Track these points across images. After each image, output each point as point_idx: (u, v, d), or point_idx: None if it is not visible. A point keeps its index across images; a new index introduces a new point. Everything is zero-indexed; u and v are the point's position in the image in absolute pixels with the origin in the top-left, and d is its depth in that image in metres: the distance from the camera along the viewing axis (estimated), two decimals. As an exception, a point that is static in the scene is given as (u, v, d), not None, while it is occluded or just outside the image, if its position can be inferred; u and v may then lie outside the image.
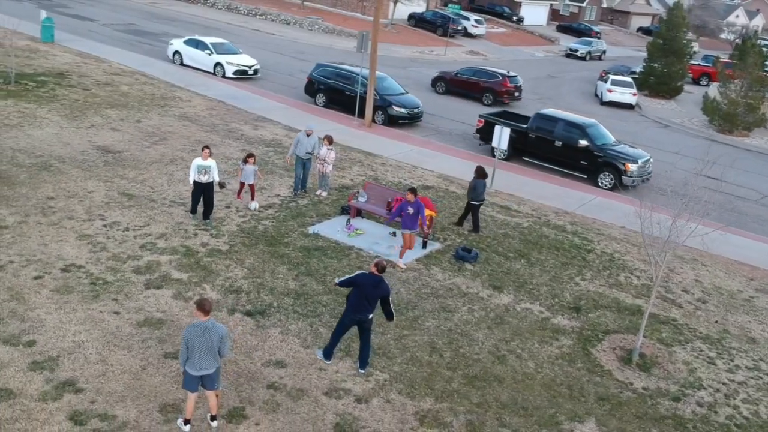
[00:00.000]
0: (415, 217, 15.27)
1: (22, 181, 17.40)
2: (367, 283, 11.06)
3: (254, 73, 33.96)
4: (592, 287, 16.03)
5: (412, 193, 15.28)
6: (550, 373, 12.34)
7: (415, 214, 15.25)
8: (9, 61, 26.92)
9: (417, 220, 15.28)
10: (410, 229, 15.35)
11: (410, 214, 15.26)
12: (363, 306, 11.13)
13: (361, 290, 11.04)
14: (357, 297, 11.10)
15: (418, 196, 15.43)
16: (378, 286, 11.10)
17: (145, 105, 25.98)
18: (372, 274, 11.08)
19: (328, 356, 11.61)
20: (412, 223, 15.30)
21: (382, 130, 27.96)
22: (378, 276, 11.09)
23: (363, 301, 11.08)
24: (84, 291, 12.90)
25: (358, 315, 11.19)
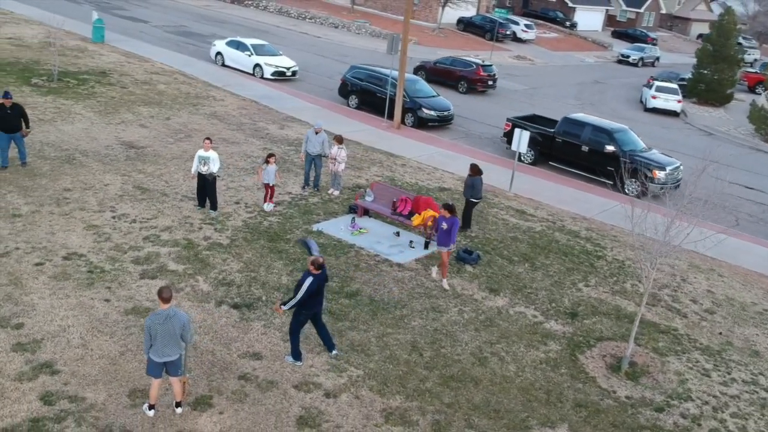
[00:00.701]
0: (448, 233, 14.63)
1: (44, 173, 18.08)
2: (320, 283, 11.18)
3: (292, 74, 34.41)
4: (595, 294, 15.71)
5: (447, 209, 14.64)
6: (530, 377, 12.15)
7: (449, 230, 14.61)
8: (56, 60, 27.93)
9: (450, 236, 14.66)
10: (444, 245, 14.74)
11: (444, 230, 14.65)
12: (317, 302, 11.43)
13: (315, 293, 11.17)
14: (313, 298, 11.22)
15: (452, 213, 14.70)
16: (325, 278, 11.34)
17: (177, 103, 26.64)
18: (317, 275, 11.07)
19: (298, 357, 11.64)
20: (445, 239, 14.68)
21: (410, 132, 27.97)
22: (323, 273, 11.18)
23: (317, 299, 11.37)
24: (80, 278, 13.33)
25: (313, 310, 11.46)
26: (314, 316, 11.63)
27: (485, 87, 37.08)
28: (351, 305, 13.65)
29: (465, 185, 17.76)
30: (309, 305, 11.26)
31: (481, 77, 36.67)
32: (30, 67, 28.91)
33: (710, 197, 12.65)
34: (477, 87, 36.51)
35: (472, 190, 17.77)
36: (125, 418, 9.92)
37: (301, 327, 11.52)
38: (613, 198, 23.08)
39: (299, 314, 11.35)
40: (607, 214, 21.36)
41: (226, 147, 22.31)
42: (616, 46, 67.06)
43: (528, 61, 51.23)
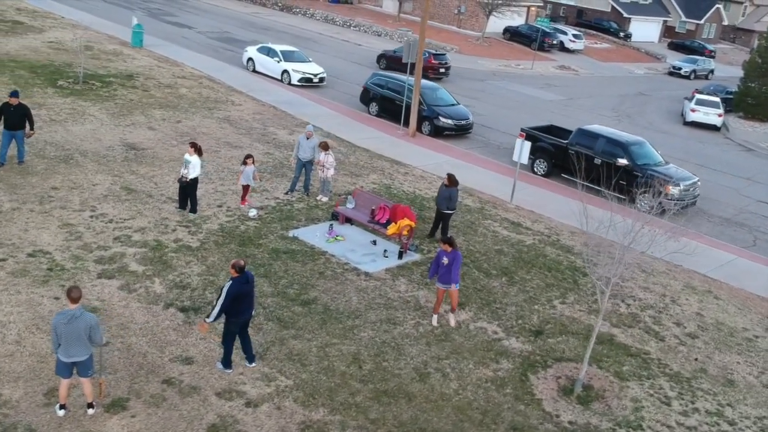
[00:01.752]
0: (448, 269, 13.10)
1: (37, 172, 18.47)
2: (241, 287, 10.81)
3: (320, 81, 34.47)
4: (569, 312, 15.02)
5: (447, 243, 13.19)
6: (470, 396, 11.64)
7: (449, 266, 13.10)
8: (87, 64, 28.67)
9: (451, 273, 13.12)
10: (444, 283, 13.30)
11: (444, 266, 13.15)
12: (245, 308, 11.07)
13: (240, 297, 10.81)
14: (237, 304, 10.84)
15: (453, 247, 13.21)
16: (249, 282, 10.99)
17: (194, 107, 26.97)
18: (238, 278, 10.78)
19: (228, 365, 11.39)
20: (445, 276, 13.20)
21: (424, 140, 27.59)
22: (244, 276, 10.86)
23: (243, 304, 10.97)
24: (37, 276, 13.49)
25: (242, 317, 11.09)
26: (244, 323, 11.34)
27: (436, 74, 38.69)
28: (303, 313, 13.40)
29: (440, 196, 17.22)
30: (235, 312, 10.96)
31: (432, 65, 38.62)
32: (61, 69, 29.74)
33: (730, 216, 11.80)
34: (428, 74, 36.78)
35: (448, 202, 17.28)
36: (34, 416, 9.91)
37: (233, 336, 11.26)
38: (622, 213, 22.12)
39: (229, 323, 11.07)
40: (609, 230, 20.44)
41: (228, 151, 22.41)
42: (671, 57, 64.95)
43: (572, 71, 50.08)
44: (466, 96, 36.95)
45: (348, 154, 23.92)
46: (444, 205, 17.34)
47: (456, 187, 17.30)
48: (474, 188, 22.36)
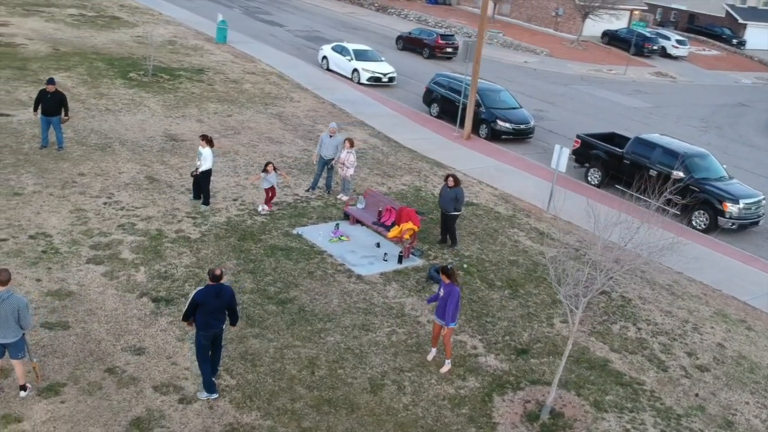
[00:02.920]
0: (444, 302, 11.63)
1: (71, 158, 19.16)
2: (207, 297, 10.22)
3: (389, 80, 34.16)
4: (567, 332, 13.91)
5: (446, 275, 11.63)
6: (419, 413, 10.94)
7: (444, 299, 11.60)
8: (165, 58, 29.70)
9: (445, 308, 11.61)
10: (437, 317, 11.83)
11: (441, 298, 11.74)
12: (213, 320, 10.36)
13: (205, 307, 10.23)
14: (203, 314, 10.25)
15: (452, 279, 11.64)
16: (219, 295, 10.30)
17: (251, 102, 27.29)
18: (209, 286, 10.28)
19: (212, 389, 10.68)
20: (439, 310, 11.73)
21: (478, 143, 26.68)
22: (215, 285, 10.30)
23: (210, 317, 10.31)
24: (30, 257, 13.90)
25: (211, 330, 10.40)
26: (215, 339, 10.62)
27: (443, 54, 41.81)
28: (275, 312, 13.10)
29: (444, 197, 16.37)
30: (202, 323, 10.29)
31: (439, 45, 41.84)
32: (137, 62, 30.89)
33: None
34: (436, 53, 41.58)
35: (455, 203, 16.47)
36: (-32, 393, 10.10)
37: (204, 351, 10.49)
38: (674, 230, 20.46)
39: (198, 336, 10.43)
40: (653, 247, 18.93)
41: (266, 146, 22.47)
42: (791, 67, 60.08)
43: (669, 78, 47.25)
44: (542, 100, 35.60)
45: (389, 154, 23.45)
46: (451, 206, 16.56)
47: (460, 187, 16.51)
48: (512, 195, 21.35)
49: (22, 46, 31.27)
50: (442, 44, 42.09)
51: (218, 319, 10.45)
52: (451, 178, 16.37)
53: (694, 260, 17.87)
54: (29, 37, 33.23)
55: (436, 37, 42.16)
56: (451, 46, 42.16)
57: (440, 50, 41.94)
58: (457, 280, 11.64)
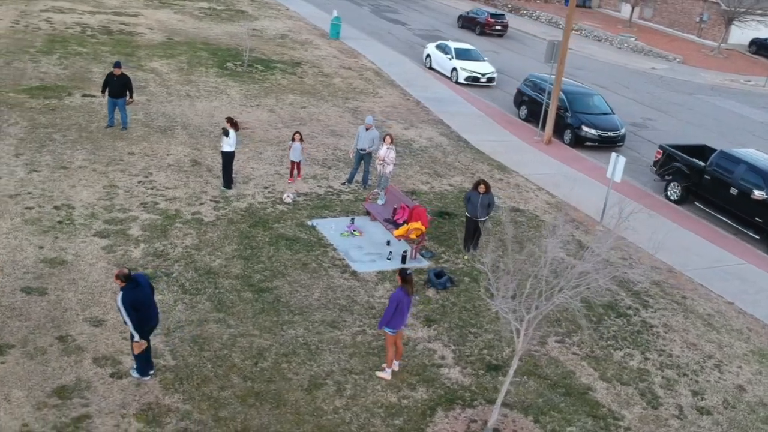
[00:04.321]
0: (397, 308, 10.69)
1: (130, 138, 20.12)
2: (135, 294, 9.99)
3: (488, 81, 33.22)
4: (559, 353, 12.74)
5: (399, 275, 10.92)
6: (347, 418, 10.39)
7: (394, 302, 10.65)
8: (269, 50, 30.63)
9: (400, 316, 10.75)
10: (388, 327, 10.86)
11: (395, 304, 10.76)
12: (152, 313, 10.29)
13: (139, 304, 10.01)
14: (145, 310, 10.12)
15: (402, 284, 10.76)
16: (141, 285, 10.11)
17: (333, 96, 27.45)
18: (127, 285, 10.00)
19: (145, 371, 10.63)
20: (394, 318, 10.74)
21: (558, 149, 25.24)
22: (133, 281, 10.04)
23: (149, 310, 10.21)
24: (44, 225, 14.70)
25: (151, 323, 10.30)
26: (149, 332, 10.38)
27: (492, 30, 45.74)
28: (248, 300, 12.99)
29: (476, 204, 15.42)
30: (143, 321, 10.10)
31: (488, 22, 45.74)
32: (238, 53, 31.99)
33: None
34: (486, 30, 45.63)
35: (488, 209, 15.59)
36: (-76, 344, 10.77)
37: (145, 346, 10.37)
38: (745, 256, 18.30)
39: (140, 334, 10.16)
40: (712, 273, 17.04)
41: (325, 138, 22.48)
42: None
43: (819, 92, 42.41)
44: (655, 108, 33.18)
45: (450, 153, 22.70)
46: (484, 213, 15.69)
47: (491, 193, 15.64)
48: (570, 204, 19.93)
49: (141, 35, 33.33)
50: (491, 22, 46.03)
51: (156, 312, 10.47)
52: (483, 184, 15.52)
53: (759, 291, 15.88)
54: (151, 27, 35.38)
55: (486, 16, 46.34)
56: (500, 24, 46.28)
57: (489, 27, 45.92)
58: (408, 287, 10.84)
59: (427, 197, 18.76)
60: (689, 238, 18.90)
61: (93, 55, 28.33)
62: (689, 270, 16.94)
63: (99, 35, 32.12)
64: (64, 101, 22.45)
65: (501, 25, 46.34)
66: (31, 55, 27.26)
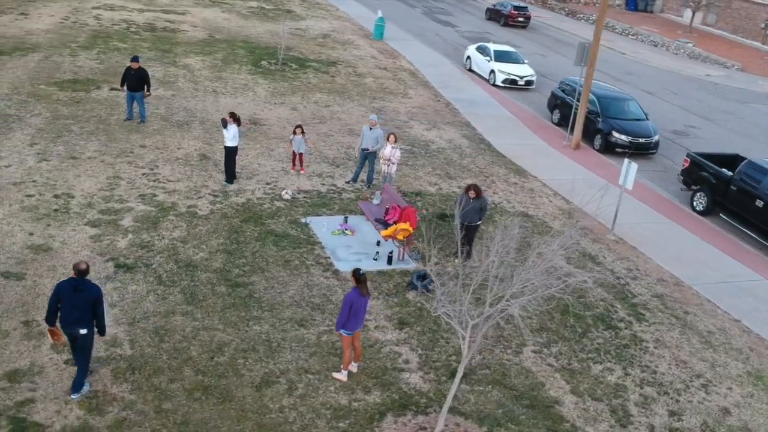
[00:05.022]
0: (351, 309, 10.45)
1: (146, 131, 20.45)
2: (65, 289, 9.67)
3: (526, 84, 32.53)
4: (532, 363, 12.23)
5: (354, 277, 10.56)
6: (291, 418, 10.19)
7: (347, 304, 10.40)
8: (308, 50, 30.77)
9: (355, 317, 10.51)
10: (344, 329, 10.60)
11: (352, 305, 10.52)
12: (69, 317, 9.70)
13: (63, 301, 9.66)
14: (63, 308, 9.70)
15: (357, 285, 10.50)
16: (77, 290, 9.62)
17: (360, 95, 27.32)
18: (70, 279, 9.75)
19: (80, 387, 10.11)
20: (350, 320, 10.51)
21: (586, 154, 24.44)
22: (76, 279, 9.68)
23: (67, 313, 9.68)
24: (39, 213, 15.03)
25: (68, 329, 9.76)
26: (73, 343, 9.97)
27: (515, 22, 47.80)
28: (221, 294, 12.95)
29: (467, 209, 14.95)
30: (61, 317, 9.73)
31: (512, 14, 47.73)
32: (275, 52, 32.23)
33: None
34: (509, 22, 47.80)
35: (480, 213, 15.16)
36: None
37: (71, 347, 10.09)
38: (765, 272, 17.29)
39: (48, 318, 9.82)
40: (724, 288, 16.15)
41: (342, 137, 22.36)
42: None
43: None
44: (701, 116, 31.84)
45: (468, 155, 22.25)
46: (476, 218, 15.26)
47: (483, 197, 15.21)
48: (585, 210, 19.23)
49: (183, 32, 33.98)
50: (514, 14, 47.99)
51: (77, 320, 9.68)
52: (473, 189, 15.10)
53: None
54: (195, 24, 36.03)
55: (510, 8, 48.12)
56: (522, 16, 48.12)
57: (512, 19, 47.96)
58: (362, 288, 10.55)
59: (432, 199, 18.39)
60: (707, 251, 17.96)
61: (131, 50, 28.96)
62: (699, 284, 16.08)
63: (142, 32, 32.87)
64: (91, 94, 22.99)
65: (523, 17, 48.11)
66: (72, 49, 28.07)
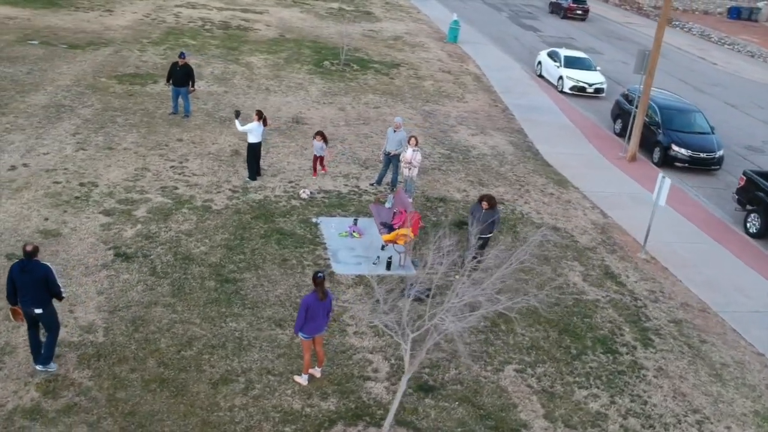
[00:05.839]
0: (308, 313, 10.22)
1: (186, 125, 20.98)
2: (14, 270, 9.92)
3: (595, 92, 31.33)
4: (509, 382, 11.65)
5: (313, 280, 10.25)
6: (238, 418, 10.12)
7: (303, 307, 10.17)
8: (376, 51, 30.88)
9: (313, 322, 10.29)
10: (301, 332, 10.38)
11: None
12: (24, 298, 10.01)
13: (16, 282, 9.93)
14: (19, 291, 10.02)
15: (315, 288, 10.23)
16: (24, 270, 9.85)
17: (414, 98, 27.06)
18: (19, 260, 9.98)
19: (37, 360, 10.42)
20: (307, 324, 10.28)
21: (642, 168, 23.21)
22: (23, 261, 9.89)
23: (21, 293, 9.99)
24: (60, 200, 15.65)
25: (24, 308, 10.10)
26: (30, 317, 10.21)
27: (573, 15, 50.36)
28: (209, 289, 13.06)
29: (480, 220, 14.41)
30: (20, 299, 10.07)
31: (570, 7, 50.20)
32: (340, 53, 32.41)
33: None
34: (568, 14, 50.38)
35: (492, 226, 14.61)
36: None
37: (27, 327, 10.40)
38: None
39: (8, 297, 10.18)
40: (756, 318, 14.93)
41: (380, 139, 22.17)
42: None
43: None
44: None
45: (508, 162, 21.57)
46: (487, 230, 14.72)
47: (497, 208, 14.70)
48: (622, 227, 18.25)
49: (255, 31, 34.74)
50: (573, 7, 50.48)
51: (32, 299, 9.96)
52: (485, 200, 14.59)
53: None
54: (269, 24, 36.78)
55: (569, 2, 50.51)
56: (581, 9, 50.44)
57: (571, 12, 50.40)
58: (320, 291, 10.33)
59: (456, 206, 17.92)
60: (747, 277, 16.65)
61: (198, 47, 29.85)
62: (728, 312, 14.90)
63: (216, 30, 33.82)
64: (146, 88, 23.79)
65: (582, 10, 50.66)
66: (142, 45, 29.20)
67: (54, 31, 29.80)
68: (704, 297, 15.42)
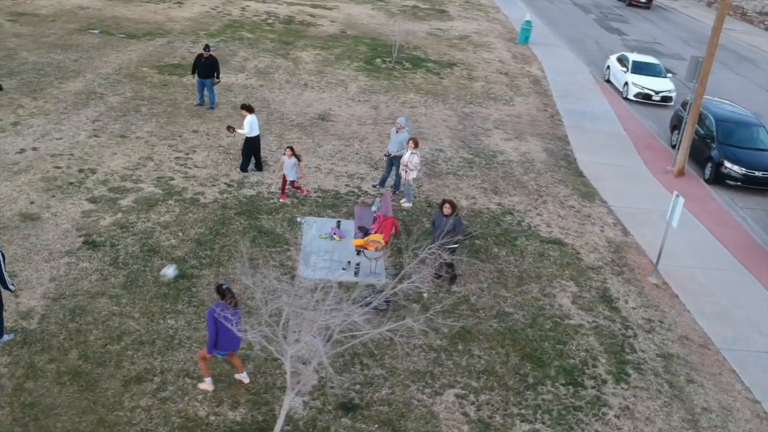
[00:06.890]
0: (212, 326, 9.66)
1: (207, 117, 21.02)
2: None
3: (662, 100, 29.38)
4: (444, 408, 10.78)
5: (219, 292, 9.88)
6: (136, 419, 9.78)
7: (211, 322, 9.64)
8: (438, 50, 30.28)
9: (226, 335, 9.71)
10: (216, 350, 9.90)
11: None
12: None
13: None
14: None
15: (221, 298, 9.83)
16: None
17: (458, 99, 26.16)
18: None
19: None
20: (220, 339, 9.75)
21: (687, 184, 21.41)
22: None
23: None
24: (55, 184, 15.92)
25: None
26: None
27: (637, 3, 53.15)
28: (161, 283, 12.84)
29: (441, 227, 13.53)
30: None
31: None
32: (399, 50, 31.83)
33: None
34: (632, 2, 53.16)
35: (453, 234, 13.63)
36: None
37: None
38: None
39: None
40: (765, 359, 13.32)
41: (402, 139, 21.46)
42: None
43: None
44: None
45: (534, 170, 20.37)
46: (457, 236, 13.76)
47: (459, 216, 13.68)
48: (642, 247, 16.82)
49: (317, 26, 34.71)
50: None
51: None
52: (448, 204, 13.67)
53: None
54: (333, 20, 36.67)
55: None
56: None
57: (636, 1, 53.31)
58: (229, 301, 9.81)
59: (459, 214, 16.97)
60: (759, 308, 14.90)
61: (252, 41, 30.04)
62: (733, 350, 13.35)
63: (277, 24, 34.00)
64: (183, 79, 24.04)
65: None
66: (197, 36, 29.66)
67: (118, 21, 30.74)
68: (710, 331, 13.88)
